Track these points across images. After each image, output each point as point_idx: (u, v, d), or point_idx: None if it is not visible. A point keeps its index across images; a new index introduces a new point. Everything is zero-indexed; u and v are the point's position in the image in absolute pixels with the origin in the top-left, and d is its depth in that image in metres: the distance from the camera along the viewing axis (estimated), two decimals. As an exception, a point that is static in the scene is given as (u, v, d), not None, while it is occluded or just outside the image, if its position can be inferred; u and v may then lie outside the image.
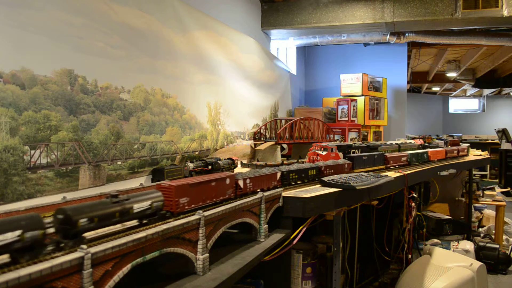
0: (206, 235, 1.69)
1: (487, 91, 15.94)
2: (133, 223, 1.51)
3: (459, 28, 6.37)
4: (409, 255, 4.30)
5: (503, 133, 13.34)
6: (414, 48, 8.86)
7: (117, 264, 1.27)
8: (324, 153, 3.39)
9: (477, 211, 7.01)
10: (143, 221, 1.51)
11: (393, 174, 3.46)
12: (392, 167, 3.83)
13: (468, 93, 16.93)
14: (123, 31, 2.96)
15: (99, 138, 2.75)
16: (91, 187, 2.68)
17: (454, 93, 16.94)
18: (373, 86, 7.40)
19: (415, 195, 4.10)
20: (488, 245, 5.36)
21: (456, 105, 18.29)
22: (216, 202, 1.88)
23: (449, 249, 4.80)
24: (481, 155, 6.56)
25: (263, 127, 5.05)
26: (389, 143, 4.68)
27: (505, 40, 6.67)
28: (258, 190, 2.20)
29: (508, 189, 8.28)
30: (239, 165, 3.99)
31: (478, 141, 15.38)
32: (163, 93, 3.45)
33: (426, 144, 5.42)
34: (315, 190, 2.60)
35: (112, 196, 1.39)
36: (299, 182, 2.70)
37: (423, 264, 3.98)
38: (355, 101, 6.90)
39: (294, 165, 2.79)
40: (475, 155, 6.44)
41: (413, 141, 5.26)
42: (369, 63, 8.04)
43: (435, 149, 4.86)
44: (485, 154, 6.66)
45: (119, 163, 2.94)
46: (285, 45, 7.25)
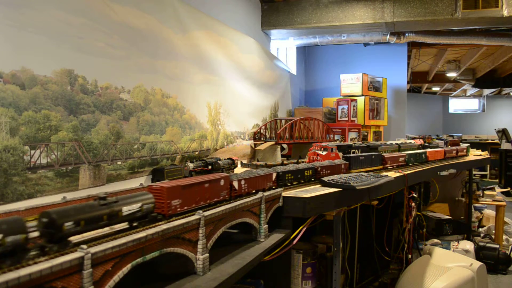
0: (206, 235, 1.69)
1: (487, 91, 15.94)
2: (123, 226, 1.47)
3: (459, 28, 6.37)
4: (409, 255, 4.30)
5: (503, 133, 13.34)
6: (414, 48, 8.86)
7: (117, 264, 1.27)
8: (324, 153, 3.38)
9: (477, 211, 7.01)
10: (133, 224, 1.48)
11: (393, 174, 3.46)
12: (390, 167, 3.82)
13: (468, 93, 16.93)
14: (123, 31, 2.96)
15: (99, 138, 2.75)
16: (91, 187, 2.68)
17: (454, 93, 16.94)
18: (373, 86, 7.40)
19: (415, 195, 4.09)
20: (488, 245, 5.36)
21: (456, 105, 18.29)
22: (210, 204, 1.85)
23: (449, 249, 4.80)
24: (481, 155, 6.56)
25: (263, 127, 5.05)
26: (389, 143, 4.68)
27: (505, 40, 6.67)
28: (254, 191, 2.17)
29: (508, 189, 8.28)
30: (239, 165, 3.99)
31: (478, 141, 15.38)
32: (163, 93, 3.45)
33: (426, 144, 5.42)
34: (315, 190, 2.60)
35: (100, 199, 1.35)
36: (295, 182, 2.68)
37: (423, 264, 3.98)
38: (355, 101, 6.89)
39: (290, 165, 2.76)
40: (475, 155, 6.44)
41: (413, 141, 5.26)
42: (369, 63, 8.04)
43: (433, 149, 4.85)
44: (485, 154, 6.66)
45: (119, 163, 2.94)
46: (285, 45, 7.25)
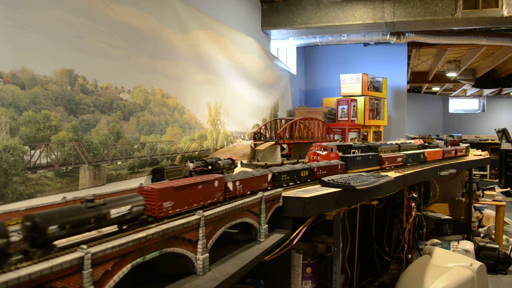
0: (206, 235, 1.69)
1: (487, 91, 15.94)
2: (112, 229, 1.44)
3: (459, 28, 6.37)
4: (409, 255, 4.29)
5: (503, 133, 13.34)
6: (414, 48, 8.86)
7: (117, 264, 1.27)
8: (324, 153, 3.38)
9: (477, 211, 7.01)
10: (123, 227, 1.45)
11: (393, 174, 3.46)
12: (387, 167, 3.79)
13: (468, 93, 16.93)
14: (123, 31, 2.96)
15: (99, 138, 2.75)
16: (91, 187, 2.68)
17: (454, 93, 16.94)
18: (373, 86, 7.40)
19: (415, 195, 4.09)
20: (488, 245, 5.36)
21: (456, 105, 18.29)
22: (204, 206, 1.80)
23: (449, 249, 4.80)
24: (481, 155, 6.56)
25: (263, 127, 5.05)
26: (389, 143, 4.68)
27: (505, 40, 6.67)
28: (249, 192, 2.15)
29: (508, 189, 8.28)
30: (239, 165, 3.99)
31: (478, 141, 15.38)
32: (163, 93, 3.45)
33: (426, 144, 5.42)
34: (315, 190, 2.60)
35: (87, 201, 1.31)
36: (291, 183, 2.64)
37: (423, 264, 3.98)
38: (355, 101, 6.90)
39: (286, 166, 2.72)
40: (475, 155, 6.44)
41: (413, 141, 5.26)
42: (369, 63, 8.04)
43: (432, 149, 4.83)
44: (485, 154, 6.66)
45: (119, 163, 2.94)
46: (285, 45, 7.25)
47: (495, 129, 14.22)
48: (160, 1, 3.42)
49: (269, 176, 2.37)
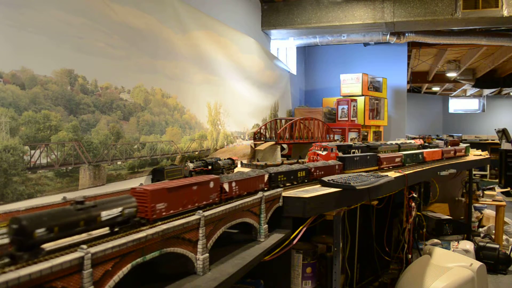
0: (206, 235, 1.69)
1: (487, 91, 15.94)
2: (102, 231, 1.41)
3: (459, 28, 6.37)
4: (409, 255, 4.30)
5: (503, 133, 13.35)
6: (414, 48, 8.86)
7: (117, 264, 1.27)
8: (324, 153, 3.38)
9: (477, 211, 7.01)
10: (115, 229, 1.42)
11: (393, 174, 3.46)
12: (385, 168, 3.78)
13: (468, 93, 16.93)
14: (123, 31, 2.96)
15: (99, 138, 2.75)
16: (91, 187, 2.68)
17: (454, 93, 16.94)
18: (373, 86, 7.40)
19: (415, 195, 4.09)
20: (488, 245, 5.37)
21: (456, 105, 18.29)
22: (199, 207, 1.78)
23: (449, 249, 4.81)
24: (481, 155, 6.56)
25: (263, 127, 5.05)
26: (389, 143, 4.69)
27: (505, 40, 6.67)
28: (245, 193, 2.13)
29: (508, 189, 8.28)
30: (239, 165, 3.99)
31: (478, 141, 15.38)
32: (163, 93, 3.45)
33: (426, 144, 5.42)
34: (315, 190, 2.60)
35: (77, 203, 1.28)
36: (288, 184, 2.61)
37: (423, 264, 3.98)
38: (355, 101, 6.89)
39: (283, 166, 2.70)
40: (475, 155, 6.44)
41: (413, 141, 5.26)
42: (369, 63, 8.04)
43: (431, 149, 4.81)
44: (485, 154, 6.66)
45: (119, 163, 2.94)
46: (285, 45, 7.25)
47: (495, 129, 14.22)
48: (160, 1, 3.42)
49: (266, 177, 2.35)
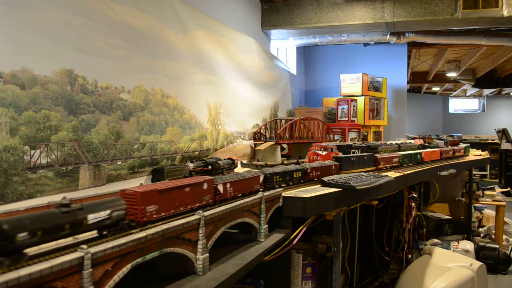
0: (206, 235, 1.69)
1: (487, 91, 15.94)
2: (89, 235, 1.36)
3: (459, 28, 6.37)
4: (409, 255, 4.30)
5: (503, 133, 13.35)
6: (414, 48, 8.86)
7: (117, 264, 1.27)
8: (324, 153, 3.38)
9: (477, 211, 7.01)
10: (103, 233, 1.38)
11: (393, 174, 3.46)
12: (383, 168, 3.75)
13: (468, 93, 16.93)
14: (123, 31, 2.96)
15: (99, 138, 2.75)
16: (91, 187, 2.68)
17: (454, 93, 16.94)
18: (373, 86, 7.40)
19: (415, 195, 4.09)
20: (488, 245, 5.37)
21: (456, 105, 18.30)
22: (193, 209, 1.74)
23: (449, 249, 4.81)
24: (481, 155, 6.56)
25: (263, 127, 5.05)
26: (389, 143, 4.68)
27: (505, 40, 6.67)
28: (240, 195, 2.10)
29: (508, 189, 8.28)
30: (239, 165, 3.99)
31: (478, 141, 15.38)
32: (163, 93, 3.45)
33: (426, 144, 5.42)
34: (315, 190, 2.60)
35: (62, 206, 1.23)
36: (284, 185, 2.57)
37: (423, 264, 3.98)
38: (355, 101, 6.89)
39: (279, 167, 2.65)
40: (475, 155, 6.44)
41: (413, 141, 5.26)
42: (369, 63, 8.04)
43: (429, 149, 4.79)
44: (485, 154, 6.66)
45: (119, 163, 2.94)
46: (285, 45, 7.25)
47: (495, 129, 14.22)
48: (160, 1, 3.42)
49: (261, 178, 2.31)
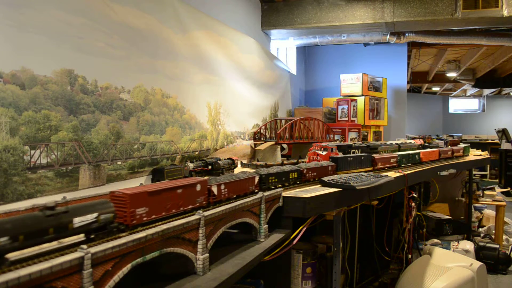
0: (206, 235, 1.69)
1: (487, 91, 15.94)
2: (75, 239, 1.32)
3: (459, 28, 6.37)
4: (409, 255, 4.30)
5: (503, 133, 13.35)
6: (414, 48, 8.86)
7: (117, 264, 1.27)
8: (324, 153, 3.38)
9: (477, 211, 7.01)
10: (91, 236, 1.34)
11: (393, 174, 3.46)
12: (380, 168, 3.70)
13: (468, 93, 16.94)
14: (123, 31, 2.96)
15: (99, 138, 2.75)
16: (91, 187, 2.68)
17: (454, 93, 16.94)
18: (373, 86, 7.40)
19: (415, 195, 4.09)
20: (488, 245, 5.37)
21: (456, 105, 18.30)
22: (185, 211, 1.70)
23: (449, 249, 4.81)
24: (481, 155, 6.56)
25: (263, 127, 5.05)
26: (389, 143, 4.68)
27: (505, 40, 6.67)
28: (235, 196, 2.06)
29: (508, 189, 8.28)
30: (239, 165, 3.99)
31: (478, 141, 15.38)
32: (163, 93, 3.45)
33: (426, 144, 5.42)
34: (315, 190, 2.60)
35: (47, 209, 1.19)
36: (279, 186, 2.53)
37: (423, 264, 3.99)
38: (355, 101, 6.89)
39: (274, 167, 2.62)
40: (475, 155, 6.44)
41: (413, 141, 5.26)
42: (369, 63, 8.04)
43: (427, 150, 4.77)
44: (485, 154, 6.66)
45: (119, 163, 2.94)
46: (285, 45, 7.25)
47: (495, 129, 14.22)
48: (160, 1, 3.42)
49: (256, 179, 2.28)
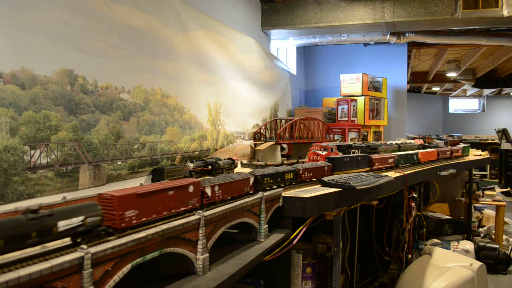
0: (206, 235, 1.69)
1: (487, 91, 15.95)
2: (59, 243, 1.27)
3: (459, 28, 6.37)
4: (409, 255, 4.30)
5: (503, 133, 13.35)
6: (414, 48, 8.86)
7: (117, 264, 1.27)
8: (324, 153, 3.38)
9: (477, 211, 7.01)
10: (77, 240, 1.30)
11: (393, 174, 3.46)
12: (377, 169, 3.67)
13: (468, 93, 16.94)
14: (123, 31, 2.96)
15: (99, 138, 2.75)
16: (91, 187, 2.68)
17: (454, 93, 16.94)
18: (373, 86, 7.40)
19: (415, 195, 4.09)
20: (488, 245, 5.36)
21: (456, 105, 18.30)
22: (178, 213, 1.66)
23: (449, 249, 4.81)
24: (481, 155, 6.56)
25: (263, 127, 5.05)
26: (389, 143, 4.68)
27: (505, 40, 6.67)
28: (229, 198, 2.03)
29: (508, 189, 8.28)
30: (239, 165, 3.99)
31: (478, 141, 15.38)
32: (163, 93, 3.45)
33: (426, 144, 5.42)
34: (315, 190, 2.60)
35: (31, 212, 1.15)
36: (275, 187, 2.50)
37: (423, 264, 3.99)
38: (355, 101, 6.90)
39: (270, 168, 2.58)
40: (475, 155, 6.44)
41: (413, 141, 5.26)
42: (369, 63, 8.04)
43: (425, 150, 4.75)
44: (485, 154, 6.66)
45: (119, 163, 2.94)
46: (285, 45, 7.25)
47: (495, 129, 14.22)
48: (160, 1, 3.42)
49: (251, 180, 2.24)
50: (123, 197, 1.41)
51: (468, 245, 4.94)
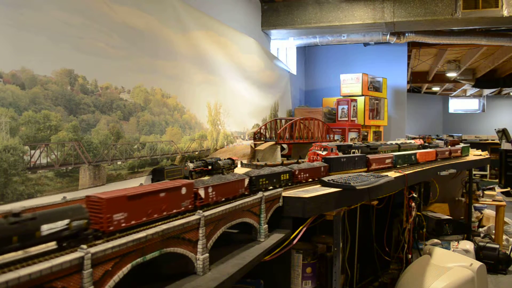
0: (206, 235, 1.69)
1: (487, 91, 15.95)
2: (44, 247, 1.22)
3: (459, 28, 6.37)
4: (409, 255, 4.30)
5: (503, 133, 13.35)
6: (414, 48, 8.86)
7: (117, 264, 1.27)
8: (324, 153, 3.38)
9: (477, 211, 7.01)
10: (63, 244, 1.25)
11: (393, 174, 3.46)
12: (374, 170, 3.63)
13: (468, 93, 16.94)
14: (123, 31, 2.96)
15: (99, 138, 2.75)
16: (91, 187, 2.68)
17: (454, 93, 16.94)
18: (373, 86, 7.40)
19: (415, 195, 4.09)
20: (488, 245, 5.37)
21: (456, 105, 18.30)
22: (169, 216, 1.62)
23: (449, 249, 4.81)
24: (481, 155, 6.56)
25: (263, 127, 5.05)
26: (389, 143, 4.68)
27: (505, 40, 6.67)
28: (223, 200, 1.99)
29: (508, 189, 8.28)
30: (239, 165, 3.99)
31: (478, 141, 15.38)
32: (163, 93, 3.45)
33: (426, 144, 5.42)
34: (315, 190, 2.60)
35: (12, 215, 1.10)
36: (270, 188, 2.47)
37: (423, 264, 3.99)
38: (355, 101, 6.89)
39: (266, 169, 2.56)
40: (475, 155, 6.44)
41: (413, 141, 5.26)
42: (369, 63, 8.03)
43: (424, 150, 4.74)
44: (485, 154, 6.66)
45: (119, 163, 2.94)
46: (285, 45, 7.25)
47: (495, 129, 14.22)
48: (160, 1, 3.42)
49: (246, 181, 2.21)
50: (111, 199, 1.37)
51: (468, 245, 4.94)
